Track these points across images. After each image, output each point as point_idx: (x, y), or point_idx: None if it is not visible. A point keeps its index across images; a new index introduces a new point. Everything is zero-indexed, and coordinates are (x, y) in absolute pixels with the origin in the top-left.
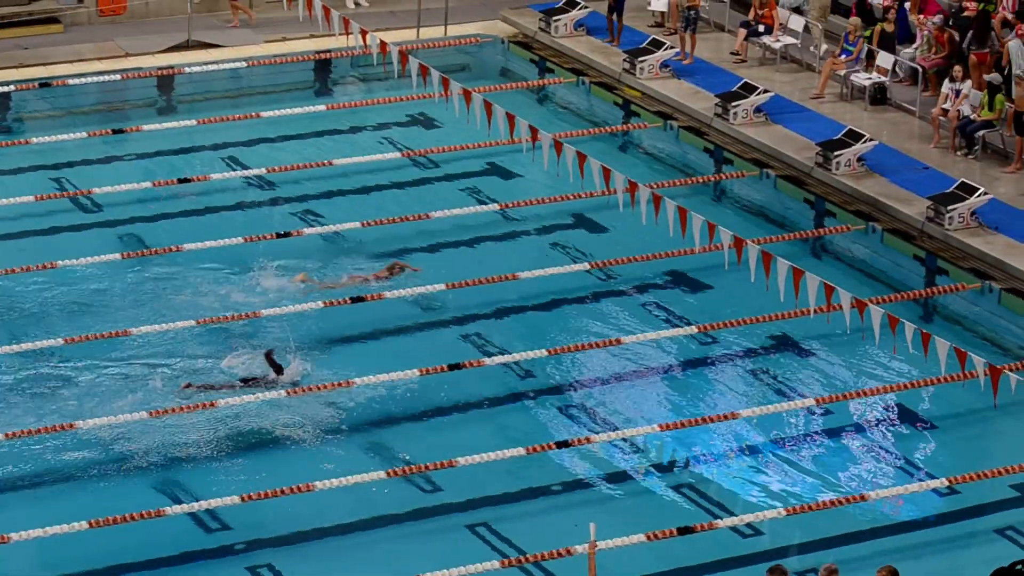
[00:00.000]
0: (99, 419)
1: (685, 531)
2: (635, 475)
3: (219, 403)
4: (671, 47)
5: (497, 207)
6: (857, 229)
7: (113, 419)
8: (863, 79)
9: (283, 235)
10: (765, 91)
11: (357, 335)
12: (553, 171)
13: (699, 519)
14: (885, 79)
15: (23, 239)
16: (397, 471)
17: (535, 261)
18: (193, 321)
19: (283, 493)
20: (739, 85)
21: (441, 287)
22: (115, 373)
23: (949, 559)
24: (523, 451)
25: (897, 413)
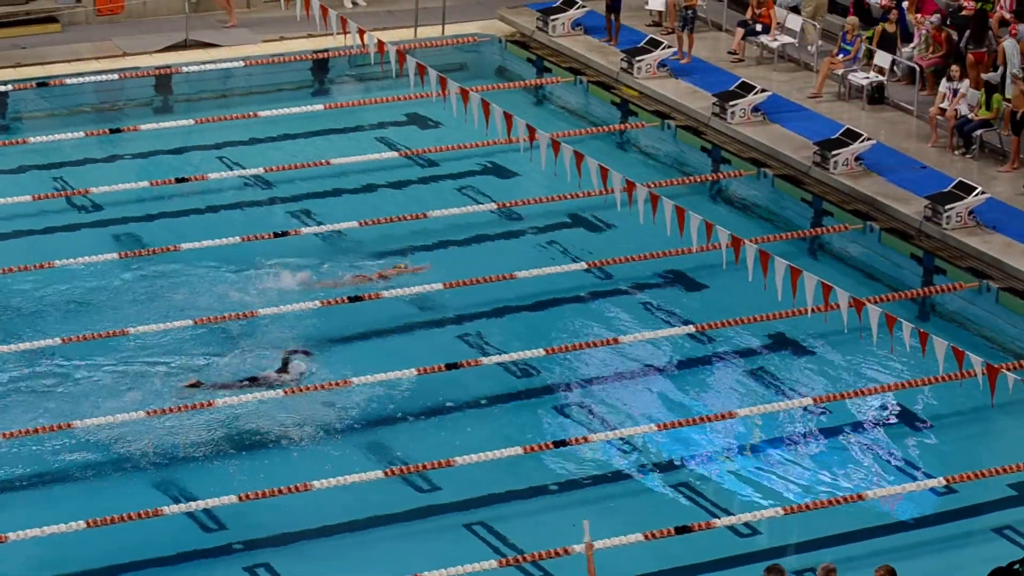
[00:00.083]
0: (97, 419)
1: (683, 530)
2: (633, 474)
3: (217, 403)
4: (669, 46)
5: (495, 206)
6: (855, 228)
7: (111, 419)
8: (861, 78)
9: (281, 235)
10: (763, 90)
11: (355, 334)
12: (551, 170)
13: (697, 518)
14: (883, 78)
15: (20, 238)
16: (395, 470)
17: (533, 260)
18: (191, 320)
19: (280, 493)
20: (737, 84)
21: (439, 286)
22: (113, 373)
23: (946, 558)
24: (521, 450)
25: (895, 412)
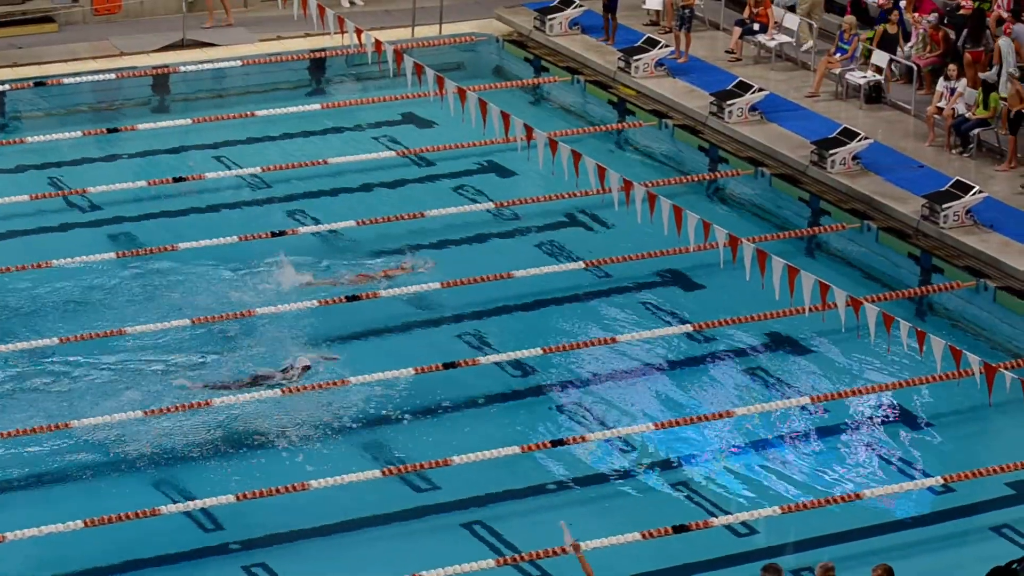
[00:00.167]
0: (94, 418)
1: (680, 529)
2: (630, 474)
3: (214, 402)
4: (666, 45)
5: (492, 206)
6: (852, 227)
7: (108, 418)
8: (858, 77)
9: (278, 234)
10: (760, 89)
11: (352, 334)
12: (548, 170)
13: (694, 517)
14: (880, 77)
15: (18, 238)
16: (392, 470)
17: (530, 260)
18: (188, 320)
19: (278, 492)
20: (734, 84)
21: (436, 286)
22: (110, 372)
23: (944, 557)
24: (518, 450)
25: (892, 411)
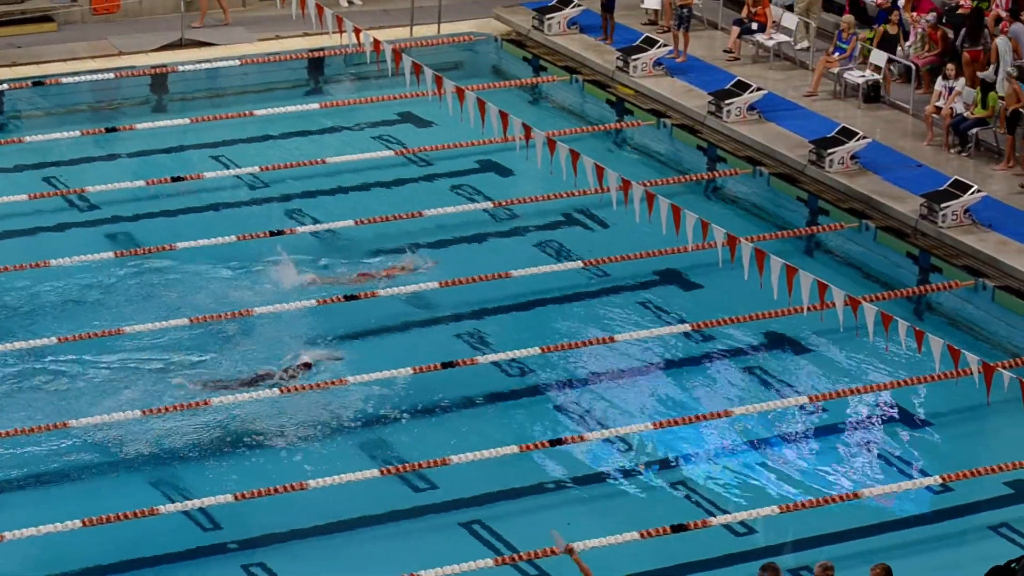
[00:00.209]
0: (92, 418)
1: (679, 529)
2: (628, 473)
3: (212, 402)
4: (664, 45)
5: (490, 205)
6: (850, 227)
7: (106, 418)
8: (856, 77)
9: (276, 233)
10: (758, 89)
11: (351, 333)
12: (546, 169)
13: (692, 517)
14: (878, 76)
15: (16, 238)
16: (391, 469)
17: (528, 259)
18: (187, 319)
19: (276, 492)
20: (732, 83)
21: (434, 285)
22: (108, 372)
23: (943, 556)
24: (516, 449)
25: (890, 411)
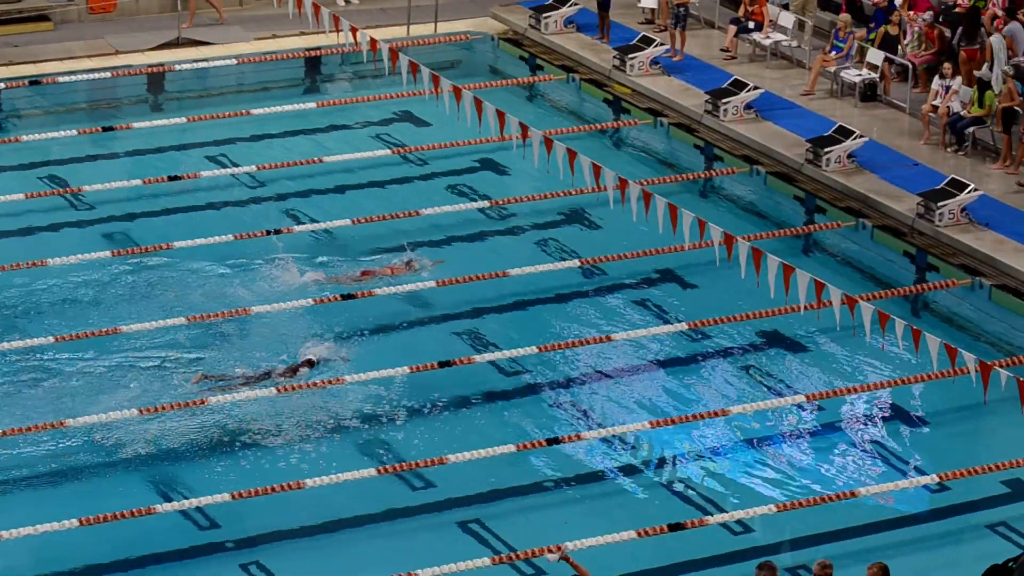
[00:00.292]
0: (89, 417)
1: (676, 527)
2: (626, 471)
3: (210, 401)
4: (661, 44)
5: (487, 204)
6: (847, 226)
7: (103, 417)
8: (853, 75)
9: (273, 232)
10: (755, 88)
11: (347, 332)
12: (543, 168)
13: (690, 515)
14: (875, 75)
15: (13, 237)
16: (388, 468)
17: (525, 258)
18: (184, 318)
19: (273, 491)
20: (729, 82)
21: (432, 284)
22: (105, 371)
23: (940, 555)
24: (514, 448)
25: (887, 409)
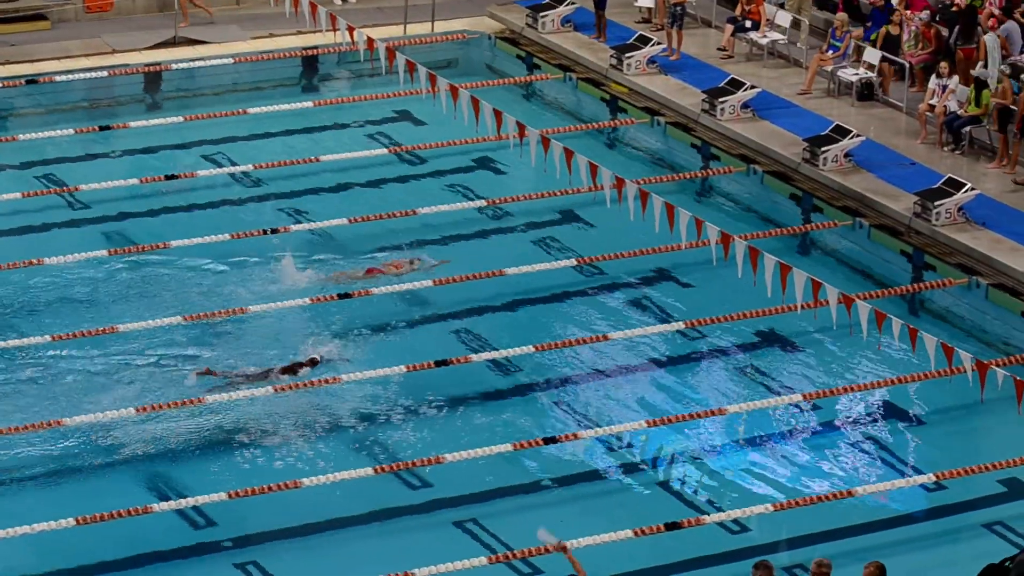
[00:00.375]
0: (86, 416)
1: (672, 527)
2: (622, 471)
3: (206, 400)
4: (658, 43)
5: (484, 203)
6: (844, 225)
7: (100, 416)
8: (850, 75)
9: (270, 231)
10: (752, 87)
11: (344, 331)
12: (540, 167)
13: (686, 515)
14: (872, 75)
15: (9, 236)
16: (384, 467)
17: (522, 257)
18: (180, 317)
19: (270, 490)
20: (726, 81)
21: (428, 283)
22: (102, 370)
23: (937, 555)
24: (510, 447)
25: (884, 409)
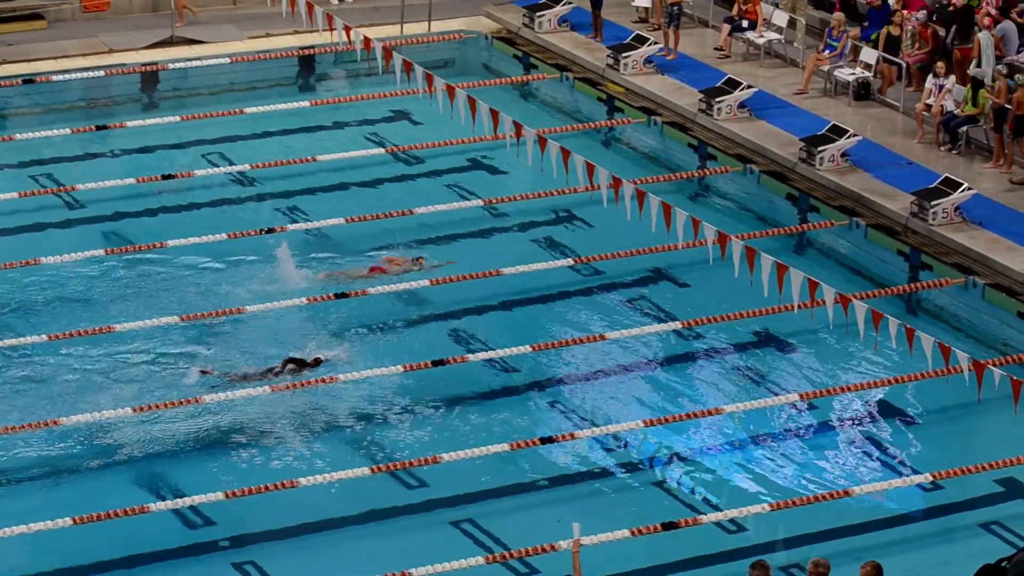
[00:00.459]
0: (83, 415)
1: (669, 526)
2: (619, 470)
3: (203, 399)
4: (655, 43)
5: (481, 203)
6: (841, 225)
7: (97, 415)
8: (847, 74)
9: (267, 231)
10: (749, 87)
11: (341, 331)
12: (537, 167)
13: (683, 514)
14: (870, 75)
15: (6, 235)
16: (381, 467)
17: (519, 257)
18: (178, 317)
19: (267, 489)
20: (723, 81)
21: (425, 283)
22: (99, 370)
23: (933, 554)
24: (507, 447)
25: (881, 408)
